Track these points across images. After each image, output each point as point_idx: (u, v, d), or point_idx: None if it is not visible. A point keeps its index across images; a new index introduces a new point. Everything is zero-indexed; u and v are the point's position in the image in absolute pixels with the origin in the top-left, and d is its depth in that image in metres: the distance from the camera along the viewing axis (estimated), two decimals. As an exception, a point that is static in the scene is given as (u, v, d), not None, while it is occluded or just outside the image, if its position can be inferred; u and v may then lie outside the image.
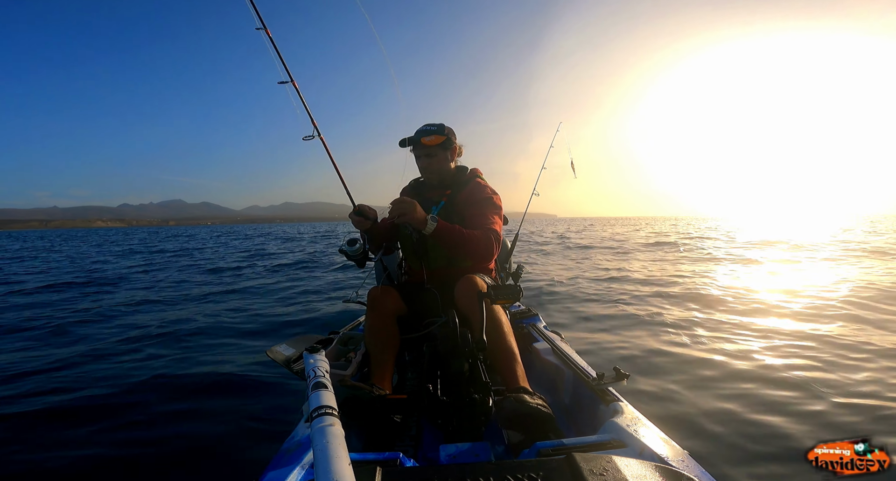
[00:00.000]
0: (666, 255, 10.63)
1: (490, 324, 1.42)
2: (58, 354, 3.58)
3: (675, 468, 0.79)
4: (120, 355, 3.58)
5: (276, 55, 1.88)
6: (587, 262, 9.50)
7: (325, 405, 0.70)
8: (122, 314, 5.16)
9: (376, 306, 1.64)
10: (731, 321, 3.86)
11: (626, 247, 13.71)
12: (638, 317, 4.16)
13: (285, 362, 1.62)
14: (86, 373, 3.17)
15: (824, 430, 1.90)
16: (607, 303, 4.92)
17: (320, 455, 0.57)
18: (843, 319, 3.85)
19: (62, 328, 4.43)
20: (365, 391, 1.30)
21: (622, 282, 6.53)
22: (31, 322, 4.74)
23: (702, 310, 4.35)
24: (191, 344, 3.86)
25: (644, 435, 0.96)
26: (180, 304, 5.70)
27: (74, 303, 5.99)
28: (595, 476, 0.66)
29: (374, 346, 1.57)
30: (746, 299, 4.82)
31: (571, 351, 1.68)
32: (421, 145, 1.79)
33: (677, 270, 7.65)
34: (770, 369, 2.62)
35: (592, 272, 7.75)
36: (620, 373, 1.26)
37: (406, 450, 1.08)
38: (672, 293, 5.36)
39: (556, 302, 5.09)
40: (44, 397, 2.74)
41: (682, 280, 6.41)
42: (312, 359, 0.88)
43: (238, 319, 4.71)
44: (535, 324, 2.08)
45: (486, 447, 1.03)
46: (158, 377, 3.11)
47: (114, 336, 4.11)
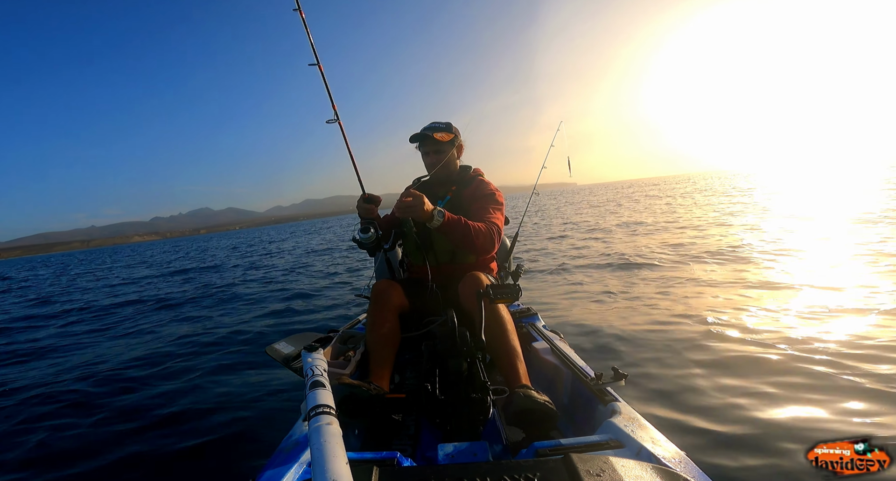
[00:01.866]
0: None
1: (494, 324, 1.44)
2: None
3: (672, 469, 0.79)
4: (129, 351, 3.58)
5: (308, 38, 1.96)
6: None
7: (322, 404, 0.70)
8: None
9: (381, 300, 1.64)
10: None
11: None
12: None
13: (284, 360, 1.62)
14: (89, 374, 3.17)
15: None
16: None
17: (317, 454, 0.57)
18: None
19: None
20: (363, 390, 1.30)
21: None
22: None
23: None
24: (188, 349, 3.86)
25: (642, 435, 0.96)
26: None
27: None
28: (592, 476, 0.66)
29: (376, 342, 1.56)
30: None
31: (570, 350, 1.68)
32: (432, 141, 1.85)
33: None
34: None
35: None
36: (619, 373, 1.26)
37: (404, 449, 1.08)
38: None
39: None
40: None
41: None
42: (311, 358, 0.88)
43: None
44: (534, 323, 2.08)
45: (485, 446, 1.03)
46: (159, 377, 3.11)
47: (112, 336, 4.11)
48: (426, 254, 1.82)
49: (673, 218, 11.55)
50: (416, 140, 1.90)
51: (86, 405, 2.78)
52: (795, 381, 2.32)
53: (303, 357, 0.90)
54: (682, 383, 2.38)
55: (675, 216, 11.99)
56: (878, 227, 6.54)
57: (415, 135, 1.89)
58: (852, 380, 2.24)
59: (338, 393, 1.26)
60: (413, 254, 1.92)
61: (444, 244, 1.81)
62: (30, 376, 3.61)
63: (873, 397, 2.07)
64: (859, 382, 2.21)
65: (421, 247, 1.83)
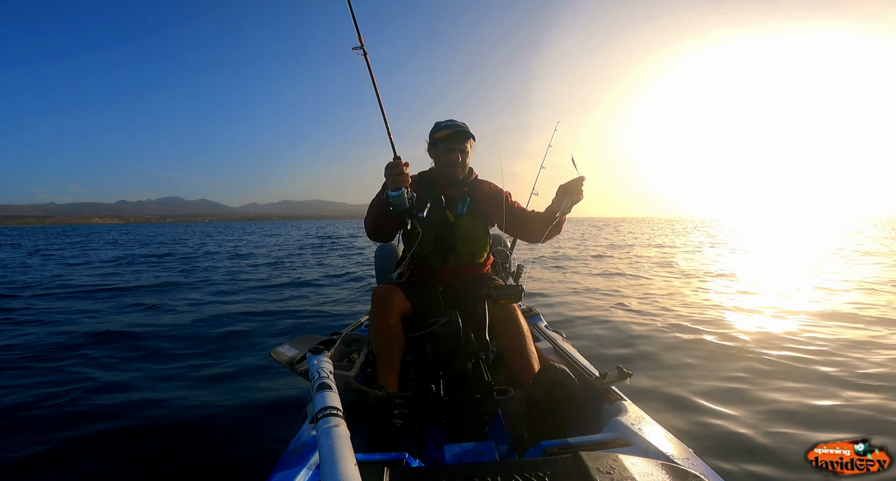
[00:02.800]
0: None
1: (510, 326, 1.47)
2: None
3: (681, 466, 0.79)
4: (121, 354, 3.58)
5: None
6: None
7: (329, 406, 0.70)
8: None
9: (382, 304, 1.63)
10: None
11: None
12: None
13: (289, 363, 1.63)
14: (87, 371, 3.17)
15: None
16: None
17: (326, 456, 0.57)
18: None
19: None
20: (369, 395, 1.29)
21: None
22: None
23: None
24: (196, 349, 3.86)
25: (649, 433, 0.96)
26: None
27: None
28: (602, 474, 0.66)
29: (381, 347, 1.56)
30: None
31: (574, 350, 1.69)
32: (459, 139, 1.78)
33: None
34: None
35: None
36: (623, 372, 1.26)
37: (410, 451, 1.08)
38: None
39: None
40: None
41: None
42: (316, 360, 0.89)
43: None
44: (537, 323, 2.08)
45: (491, 446, 1.03)
46: (159, 376, 3.11)
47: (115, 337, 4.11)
48: (447, 255, 1.79)
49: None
50: (451, 135, 1.76)
51: (83, 403, 2.78)
52: (795, 381, 2.32)
53: (308, 360, 0.90)
54: (681, 382, 2.38)
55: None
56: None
57: (448, 130, 1.75)
58: (854, 381, 2.24)
59: (344, 397, 1.26)
60: (428, 256, 1.81)
61: (466, 245, 1.80)
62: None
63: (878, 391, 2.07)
64: (863, 383, 2.21)
65: (440, 249, 1.78)
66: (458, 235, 1.78)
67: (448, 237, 1.78)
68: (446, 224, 1.79)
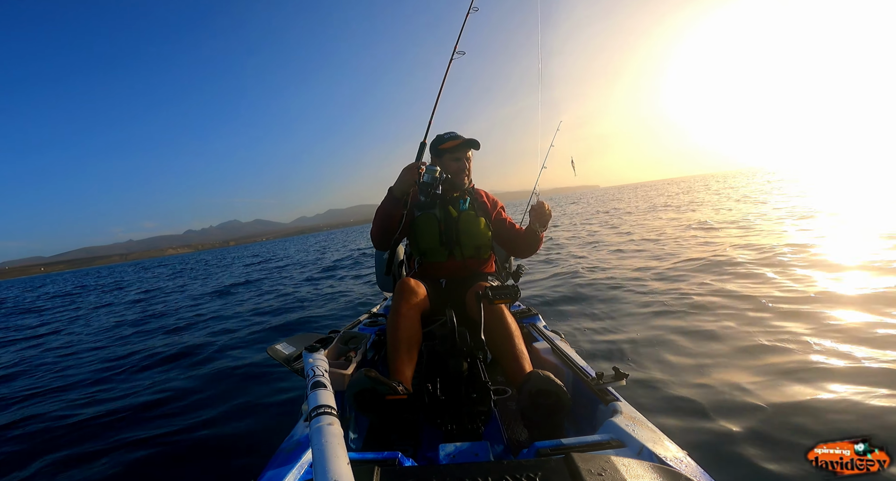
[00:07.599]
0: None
1: (496, 325, 1.46)
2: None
3: (674, 468, 0.79)
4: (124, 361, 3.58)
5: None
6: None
7: (323, 404, 0.70)
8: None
9: (409, 296, 1.59)
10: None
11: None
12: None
13: (285, 360, 1.62)
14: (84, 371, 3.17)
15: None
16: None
17: (319, 454, 0.57)
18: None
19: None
20: (386, 386, 1.28)
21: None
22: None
23: None
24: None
25: (643, 434, 0.96)
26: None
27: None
28: (593, 476, 0.66)
29: (401, 340, 1.49)
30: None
31: (571, 350, 1.68)
32: (466, 148, 1.92)
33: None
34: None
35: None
36: (619, 373, 1.26)
37: (405, 450, 1.08)
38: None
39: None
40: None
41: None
42: (312, 358, 0.88)
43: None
44: (535, 323, 2.08)
45: (486, 446, 1.03)
46: (159, 377, 3.12)
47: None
48: (452, 248, 1.87)
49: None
50: (459, 145, 1.89)
51: (83, 403, 2.79)
52: (795, 382, 2.31)
53: (304, 357, 0.90)
54: (680, 383, 2.38)
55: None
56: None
57: (457, 140, 1.89)
58: (860, 375, 2.21)
59: (359, 384, 1.25)
60: (434, 250, 1.89)
61: (470, 239, 1.88)
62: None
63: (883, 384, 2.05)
64: (871, 378, 2.18)
65: (446, 243, 1.87)
66: (462, 228, 1.87)
67: (452, 230, 1.87)
68: (450, 218, 1.89)
